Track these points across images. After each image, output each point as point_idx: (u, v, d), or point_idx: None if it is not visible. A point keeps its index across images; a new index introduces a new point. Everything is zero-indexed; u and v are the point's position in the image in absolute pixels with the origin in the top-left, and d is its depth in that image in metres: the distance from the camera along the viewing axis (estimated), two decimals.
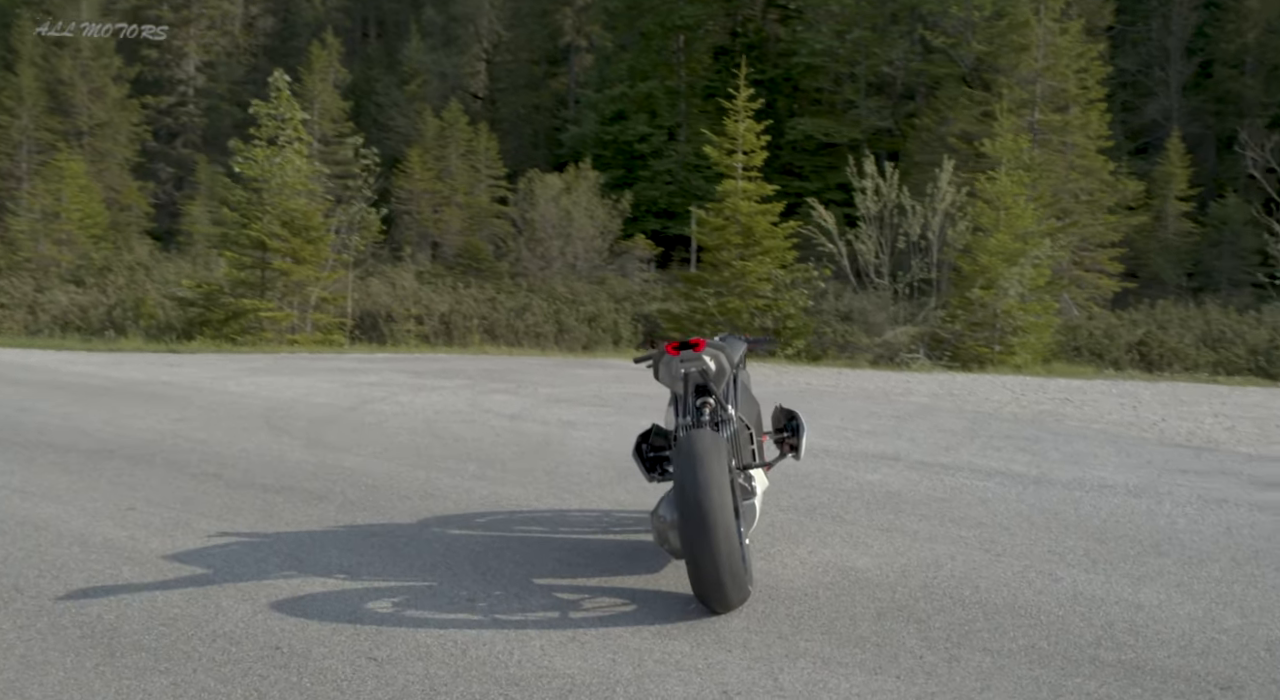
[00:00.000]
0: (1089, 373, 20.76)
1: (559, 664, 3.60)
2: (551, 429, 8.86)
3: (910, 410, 11.30)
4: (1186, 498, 6.34)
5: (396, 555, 4.93)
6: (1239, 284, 51.17)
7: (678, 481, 3.95)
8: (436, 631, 3.93)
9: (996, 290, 20.42)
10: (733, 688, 3.40)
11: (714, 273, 22.22)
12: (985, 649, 3.76)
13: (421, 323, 28.12)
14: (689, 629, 3.93)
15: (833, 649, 3.75)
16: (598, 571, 4.68)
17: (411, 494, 6.23)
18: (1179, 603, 4.30)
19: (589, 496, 6.20)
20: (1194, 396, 16.38)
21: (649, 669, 3.54)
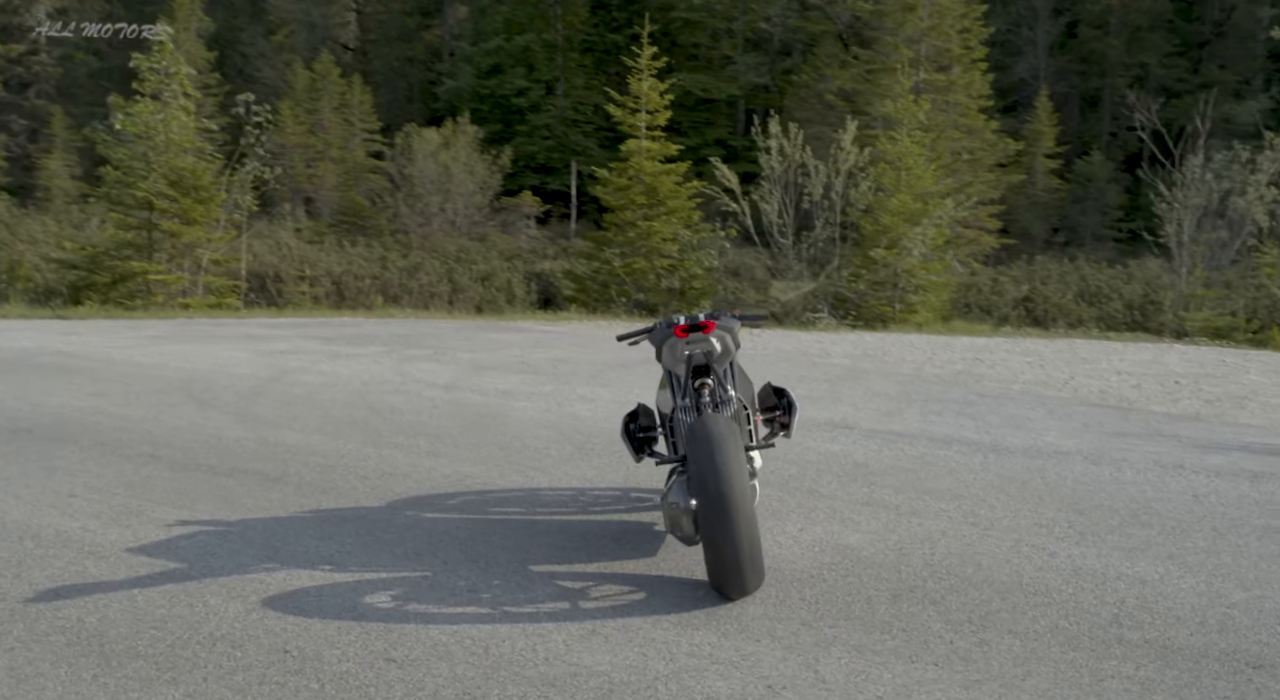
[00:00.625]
0: (987, 330, 21.19)
1: (588, 661, 3.48)
2: (490, 400, 8.67)
3: (838, 373, 11.36)
4: (1142, 463, 6.46)
5: (377, 543, 4.74)
6: (1102, 238, 52.92)
7: (695, 468, 3.84)
8: (448, 628, 3.77)
9: (899, 250, 20.66)
10: (775, 681, 3.32)
11: (619, 233, 22.06)
12: (1011, 631, 3.74)
13: (313, 284, 27.43)
14: (708, 618, 3.84)
15: (860, 635, 3.69)
16: (592, 556, 4.56)
17: (369, 473, 6.01)
18: (1178, 576, 4.35)
19: (555, 474, 6.06)
20: (1092, 354, 16.86)
21: (683, 663, 3.44)
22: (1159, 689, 3.28)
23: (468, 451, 6.64)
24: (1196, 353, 18.83)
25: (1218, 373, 14.87)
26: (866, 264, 21.65)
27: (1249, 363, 17.16)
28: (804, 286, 21.52)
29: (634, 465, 5.90)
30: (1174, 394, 11.07)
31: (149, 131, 21.51)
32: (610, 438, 7.04)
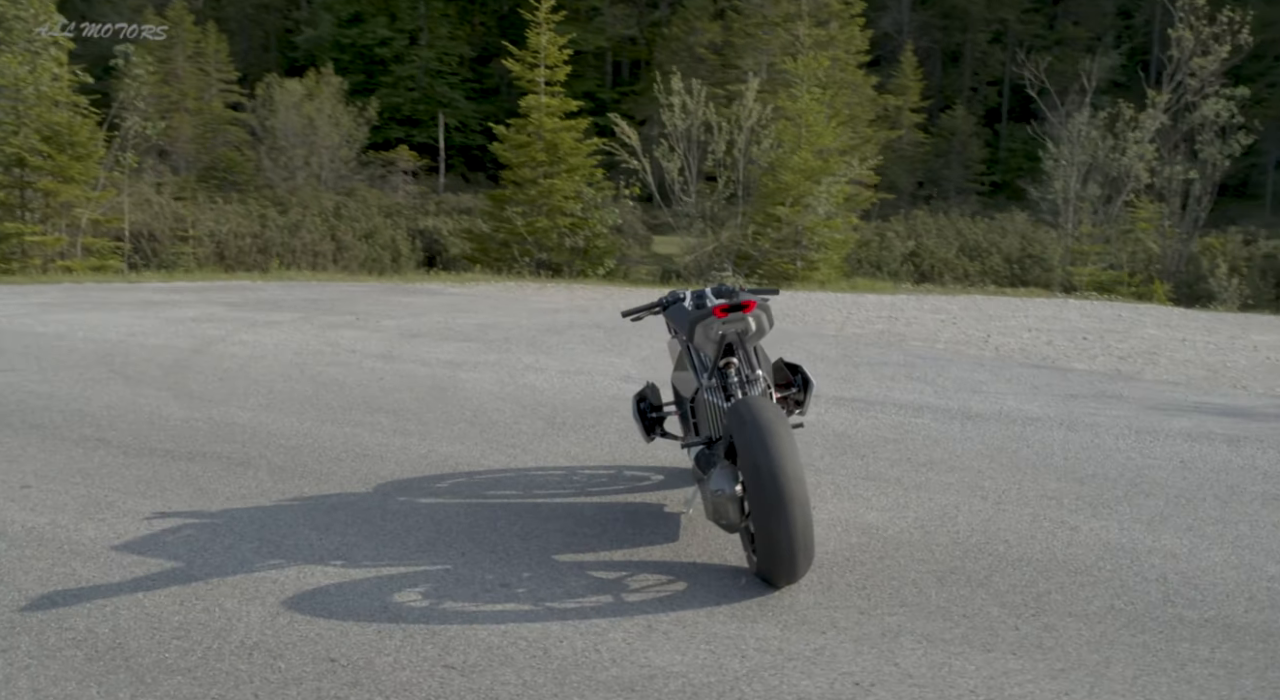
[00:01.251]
0: (889, 288, 21.46)
1: (658, 661, 3.33)
2: (436, 371, 8.40)
3: (770, 336, 11.29)
4: (1114, 429, 6.53)
5: (381, 533, 4.51)
6: (965, 191, 54.24)
7: (747, 454, 3.70)
8: (495, 628, 3.58)
9: (802, 207, 20.74)
10: (861, 678, 3.22)
11: (519, 191, 21.67)
12: (1070, 614, 3.71)
13: (195, 245, 26.45)
14: (761, 608, 3.73)
15: (924, 623, 3.61)
16: (613, 541, 4.41)
17: (342, 455, 5.75)
18: (1206, 549, 4.37)
19: (538, 453, 5.88)
20: (996, 310, 17.18)
21: (757, 661, 3.32)
22: (1245, 672, 3.27)
23: (436, 429, 6.39)
24: (1091, 308, 19.39)
25: (1117, 328, 15.28)
26: (769, 222, 21.69)
27: (1142, 316, 17.71)
28: (707, 244, 21.47)
29: (615, 442, 5.76)
30: (1087, 350, 11.30)
31: (17, 84, 20.32)
32: (579, 412, 6.88)
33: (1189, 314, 19.84)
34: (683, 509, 4.82)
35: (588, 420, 6.67)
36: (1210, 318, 18.89)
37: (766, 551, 3.73)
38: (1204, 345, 13.09)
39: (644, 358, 9.39)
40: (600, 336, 10.99)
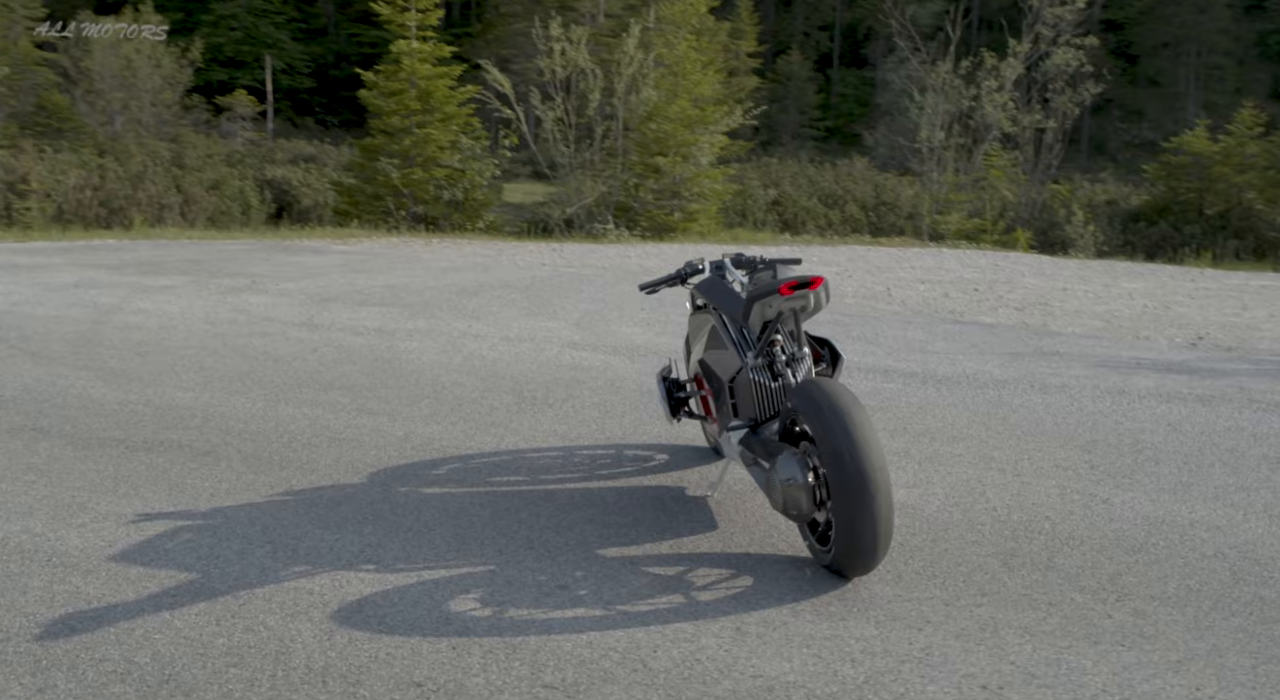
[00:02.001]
0: (768, 238, 21.54)
1: (766, 669, 3.16)
2: (371, 341, 8.02)
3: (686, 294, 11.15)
4: (1083, 390, 6.60)
5: (399, 530, 4.22)
6: (800, 137, 54.96)
7: (828, 441, 3.53)
8: (578, 638, 3.35)
9: (682, 157, 20.58)
10: (986, 680, 3.10)
11: (391, 141, 20.94)
12: (1151, 597, 3.68)
13: (37, 199, 24.93)
14: (843, 604, 3.59)
15: (1014, 613, 3.53)
16: (652, 532, 4.21)
17: (314, 441, 5.41)
18: (1244, 521, 4.41)
19: (523, 432, 5.64)
20: (881, 261, 17.41)
21: (869, 665, 3.17)
22: None
23: (403, 407, 6.07)
24: (966, 257, 19.81)
25: (1000, 277, 15.63)
26: (648, 172, 21.48)
27: (1016, 265, 18.18)
28: (587, 195, 21.16)
29: (598, 419, 5.60)
30: (984, 302, 11.51)
31: None
32: (543, 385, 6.66)
33: (1057, 262, 20.45)
34: (707, 492, 4.64)
35: (557, 394, 6.42)
36: (1077, 266, 19.49)
37: (847, 543, 3.58)
38: (1084, 294, 13.44)
39: (578, 321, 9.14)
40: (518, 298, 10.68)
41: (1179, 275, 18.32)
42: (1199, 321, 11.12)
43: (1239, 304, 13.54)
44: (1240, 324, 11.11)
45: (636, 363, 7.40)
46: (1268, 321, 11.34)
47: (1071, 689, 3.05)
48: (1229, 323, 11.21)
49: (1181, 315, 11.77)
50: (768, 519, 4.32)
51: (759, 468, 4.00)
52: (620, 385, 6.68)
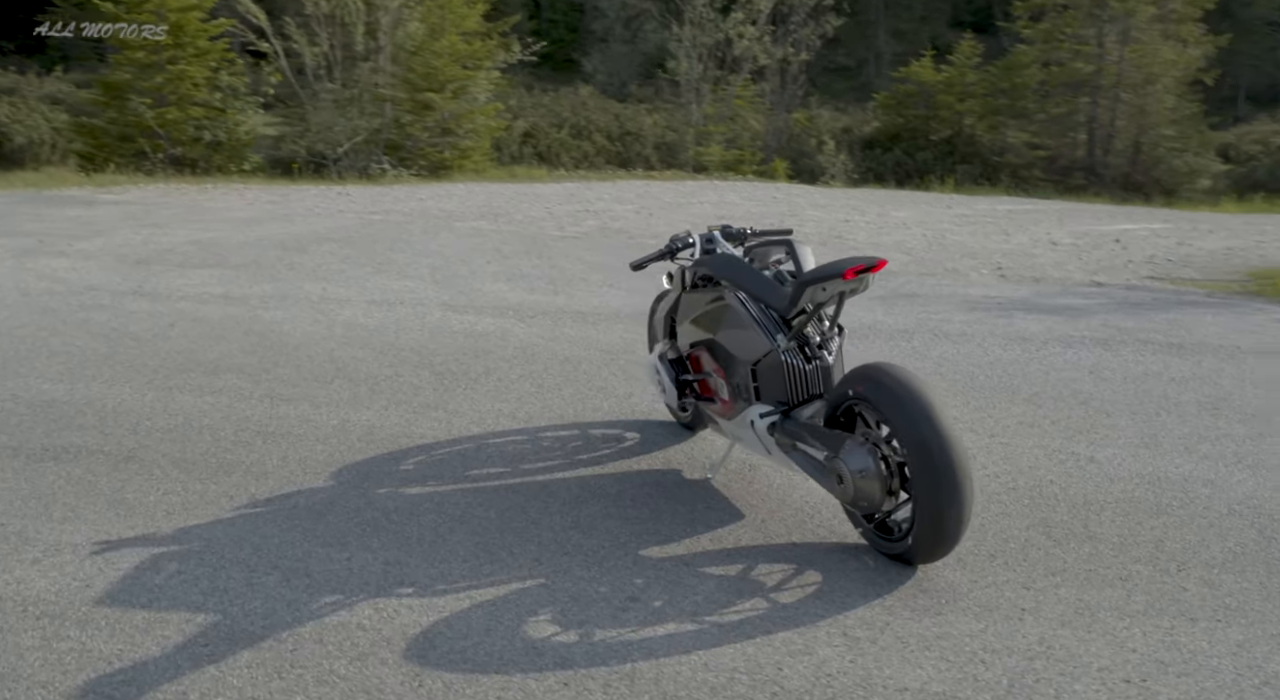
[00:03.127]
0: (545, 175, 21.24)
1: (903, 679, 3.06)
2: (229, 311, 7.39)
3: (504, 242, 10.87)
4: (986, 338, 6.78)
5: (409, 541, 3.86)
6: (514, 67, 54.39)
7: (911, 429, 3.42)
8: (689, 659, 3.13)
9: (454, 94, 19.93)
10: (1125, 673, 3.10)
11: (141, 77, 19.30)
12: (1206, 564, 3.79)
13: None
14: (929, 597, 3.51)
15: (1095, 593, 3.56)
16: (681, 527, 4.02)
17: (242, 436, 4.94)
18: (1229, 474, 4.64)
19: (468, 414, 5.32)
20: (666, 197, 17.47)
21: (1000, 665, 3.12)
22: None
23: (315, 390, 5.61)
24: (742, 189, 20.17)
25: (786, 210, 16.02)
26: (417, 109, 20.70)
27: (790, 197, 18.69)
28: (358, 134, 20.18)
29: (531, 394, 5.39)
30: (825, 243, 11.73)
31: None
32: (452, 358, 6.34)
33: (822, 192, 21.13)
34: (708, 475, 4.48)
35: (473, 367, 6.07)
36: (843, 195, 20.19)
37: (932, 533, 3.49)
38: (867, 225, 13.96)
39: (435, 279, 8.71)
40: (350, 253, 10.08)
41: (934, 202, 19.25)
42: (982, 250, 11.76)
43: (999, 229, 14.39)
44: (1015, 251, 11.87)
45: (532, 326, 7.09)
46: (1035, 247, 12.14)
47: (1208, 674, 3.08)
48: (1005, 250, 11.93)
49: (962, 244, 12.40)
50: (789, 502, 4.23)
51: (801, 454, 3.85)
52: (532, 354, 6.38)
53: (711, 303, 4.31)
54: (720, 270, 4.23)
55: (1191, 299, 9.22)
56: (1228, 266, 11.80)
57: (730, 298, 4.16)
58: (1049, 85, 28.87)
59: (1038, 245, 12.99)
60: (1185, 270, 11.38)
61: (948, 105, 29.76)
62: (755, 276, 4.08)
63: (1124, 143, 28.05)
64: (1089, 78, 28.00)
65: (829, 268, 3.68)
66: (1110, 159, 28.27)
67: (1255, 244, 14.04)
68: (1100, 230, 15.46)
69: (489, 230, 12.06)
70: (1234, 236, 15.10)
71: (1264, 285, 10.06)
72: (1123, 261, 11.84)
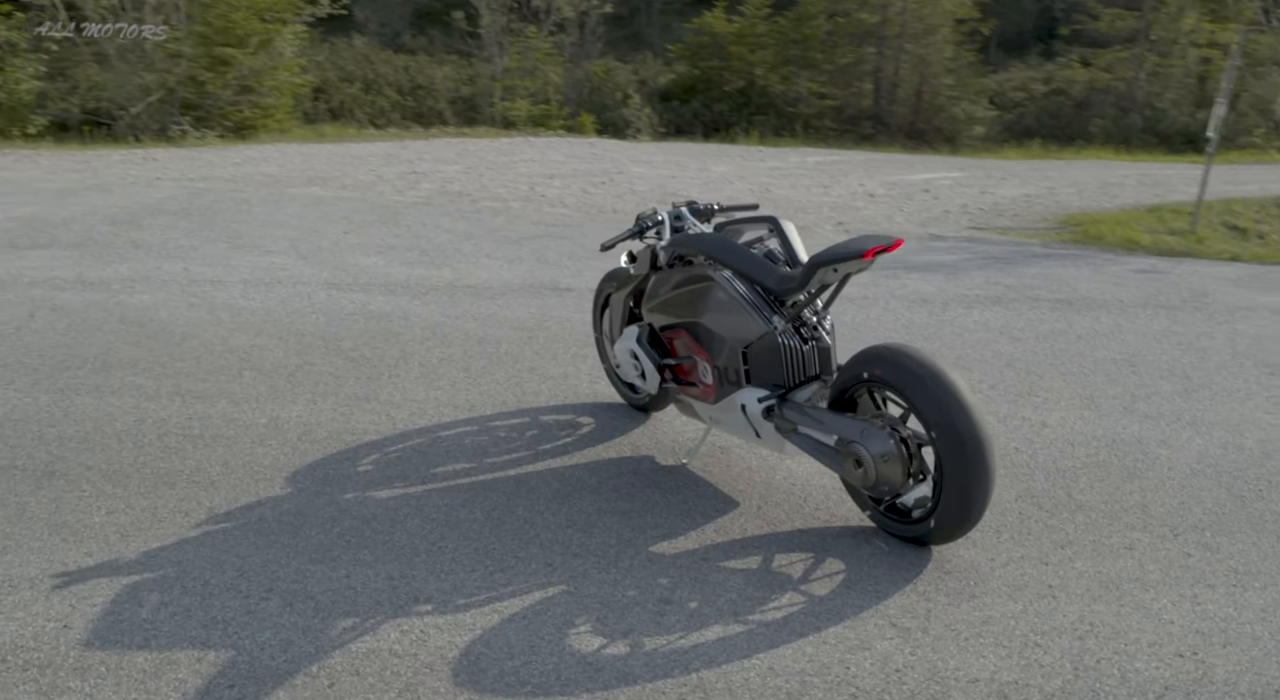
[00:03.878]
0: (355, 134, 20.53)
1: (973, 669, 3.04)
2: (90, 297, 6.84)
3: (365, 210, 10.46)
4: (891, 302, 6.88)
5: (404, 553, 3.63)
6: None
7: (941, 413, 3.41)
8: (751, 663, 3.04)
9: (257, 48, 18.95)
10: (1179, 647, 3.18)
11: None
12: (1199, 528, 3.92)
13: None
14: (958, 579, 3.52)
15: (1114, 566, 3.64)
16: (684, 519, 3.92)
17: (171, 442, 4.58)
18: (1175, 433, 4.83)
19: (407, 406, 5.07)
20: (490, 156, 17.18)
21: (1057, 647, 3.14)
22: None
23: (229, 386, 5.24)
24: (558, 145, 19.98)
25: (608, 167, 16.01)
26: (214, 66, 19.59)
27: (609, 153, 18.63)
28: (152, 93, 18.94)
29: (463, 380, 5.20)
30: (623, 196, 11.81)
31: None
32: (361, 341, 6.03)
33: (636, 147, 21.13)
34: (684, 460, 4.40)
35: (387, 353, 5.80)
36: (656, 150, 20.24)
37: (957, 514, 3.50)
38: (693, 181, 14.12)
39: (301, 254, 8.26)
40: (191, 226, 9.47)
41: (746, 155, 19.54)
42: (810, 204, 12.10)
43: (815, 182, 14.78)
44: (840, 204, 12.30)
45: (430, 304, 6.81)
46: (855, 200, 12.59)
47: (1250, 642, 3.18)
48: (831, 203, 12.33)
49: (789, 198, 12.69)
50: (777, 486, 4.20)
51: (805, 438, 3.80)
52: (443, 335, 6.13)
53: (691, 284, 4.18)
54: (710, 250, 4.11)
55: (1033, 251, 9.65)
56: (1036, 214, 12.46)
57: (719, 278, 4.04)
58: (836, 36, 29.56)
59: (857, 197, 13.34)
60: (1001, 219, 11.93)
61: (740, 56, 30.08)
62: (747, 256, 3.98)
63: (907, 92, 29.05)
64: (874, 28, 28.83)
65: (846, 248, 3.61)
66: (895, 108, 29.22)
67: (1047, 191, 14.83)
68: (907, 180, 16.02)
69: (328, 197, 11.53)
70: (1025, 183, 15.91)
71: (1078, 232, 10.65)
72: (940, 212, 12.31)
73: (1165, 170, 19.26)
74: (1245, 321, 6.96)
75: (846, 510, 3.95)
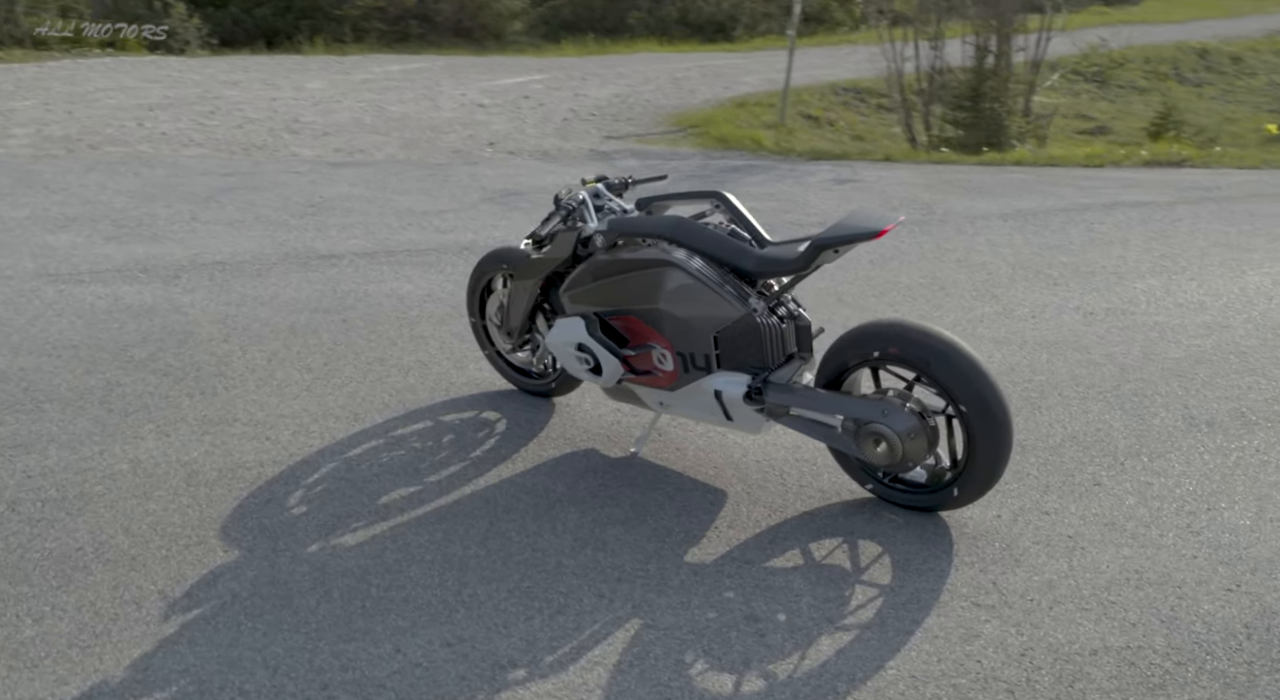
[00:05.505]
0: None
1: (1108, 639, 3.21)
2: None
3: (46, 170, 9.08)
4: None
5: (422, 609, 3.23)
6: None
7: (971, 386, 3.48)
8: (888, 675, 2.96)
9: None
10: (1237, 579, 3.51)
11: None
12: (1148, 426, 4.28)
13: None
14: (994, 547, 3.58)
15: (1123, 505, 3.91)
16: (692, 522, 3.78)
17: (52, 500, 3.80)
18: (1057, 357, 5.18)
19: (278, 425, 4.49)
20: (58, 86, 15.31)
21: (1138, 617, 3.38)
22: None
23: (40, 425, 4.40)
24: (127, 67, 18.09)
25: (204, 92, 14.80)
26: None
27: (189, 74, 17.21)
28: None
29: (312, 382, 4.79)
30: (250, 128, 11.15)
31: None
32: (158, 349, 5.27)
33: (203, 63, 19.52)
34: (633, 449, 4.25)
35: (199, 360, 5.09)
36: (230, 65, 18.90)
37: (980, 479, 3.63)
38: (300, 101, 13.48)
39: (103, 233, 7.00)
40: None
41: (328, 67, 18.78)
42: (439, 122, 12.11)
43: (418, 95, 14.71)
44: (462, 120, 12.66)
45: (192, 290, 5.99)
46: (472, 114, 12.92)
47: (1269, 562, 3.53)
48: (454, 120, 12.62)
49: (412, 117, 12.51)
50: (748, 468, 4.13)
51: (800, 419, 3.79)
52: (241, 329, 5.44)
53: (644, 268, 3.95)
54: (672, 234, 3.89)
55: (714, 163, 10.03)
56: (645, 116, 13.06)
57: (681, 262, 3.85)
58: None
59: (471, 111, 13.22)
60: (622, 125, 12.31)
61: None
62: (716, 238, 3.83)
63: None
64: None
65: (852, 228, 3.54)
66: (440, 5, 28.62)
67: (630, 89, 15.50)
68: (500, 86, 16.08)
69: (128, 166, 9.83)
70: (605, 83, 16.50)
71: (707, 136, 11.45)
72: (560, 121, 12.57)
73: (714, 60, 20.58)
74: (991, 231, 7.63)
75: (830, 482, 3.98)
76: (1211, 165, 12.39)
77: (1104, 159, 12.07)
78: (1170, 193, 9.89)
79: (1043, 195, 9.54)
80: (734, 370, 3.85)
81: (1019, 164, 12.06)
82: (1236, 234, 8.00)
